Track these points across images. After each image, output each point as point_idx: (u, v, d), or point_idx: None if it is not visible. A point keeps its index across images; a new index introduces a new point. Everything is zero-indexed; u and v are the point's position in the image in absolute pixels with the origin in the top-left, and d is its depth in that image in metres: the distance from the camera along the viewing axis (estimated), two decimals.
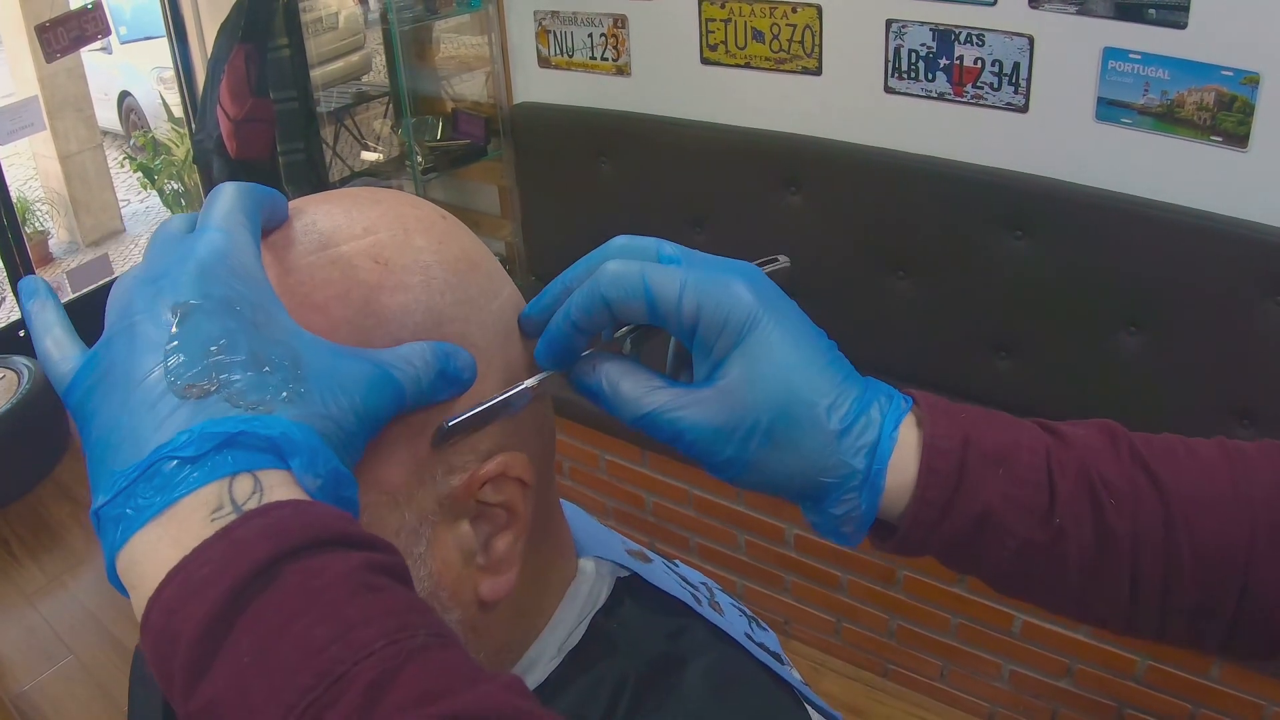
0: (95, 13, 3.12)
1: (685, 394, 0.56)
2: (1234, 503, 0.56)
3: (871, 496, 0.57)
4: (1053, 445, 0.59)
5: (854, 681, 2.70)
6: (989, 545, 0.57)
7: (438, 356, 0.51)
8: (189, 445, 0.41)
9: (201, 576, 0.39)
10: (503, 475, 0.56)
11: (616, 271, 0.56)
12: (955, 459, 0.56)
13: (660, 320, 0.56)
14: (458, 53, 3.43)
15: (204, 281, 0.46)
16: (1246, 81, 2.10)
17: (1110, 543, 0.56)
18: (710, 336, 0.55)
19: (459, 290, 0.56)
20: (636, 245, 0.59)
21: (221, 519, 0.40)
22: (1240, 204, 2.19)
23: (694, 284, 0.55)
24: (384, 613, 0.39)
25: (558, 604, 0.65)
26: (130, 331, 0.45)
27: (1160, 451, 0.59)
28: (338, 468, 0.45)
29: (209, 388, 0.43)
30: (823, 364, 0.57)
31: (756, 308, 0.56)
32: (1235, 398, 2.30)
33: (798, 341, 0.57)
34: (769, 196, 2.83)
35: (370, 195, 0.58)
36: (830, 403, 0.56)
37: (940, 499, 0.56)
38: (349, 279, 0.53)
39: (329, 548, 0.40)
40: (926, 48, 2.50)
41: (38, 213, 6.50)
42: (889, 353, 2.77)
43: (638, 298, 0.55)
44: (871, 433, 0.57)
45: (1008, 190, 2.47)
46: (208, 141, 3.25)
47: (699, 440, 0.55)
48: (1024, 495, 0.57)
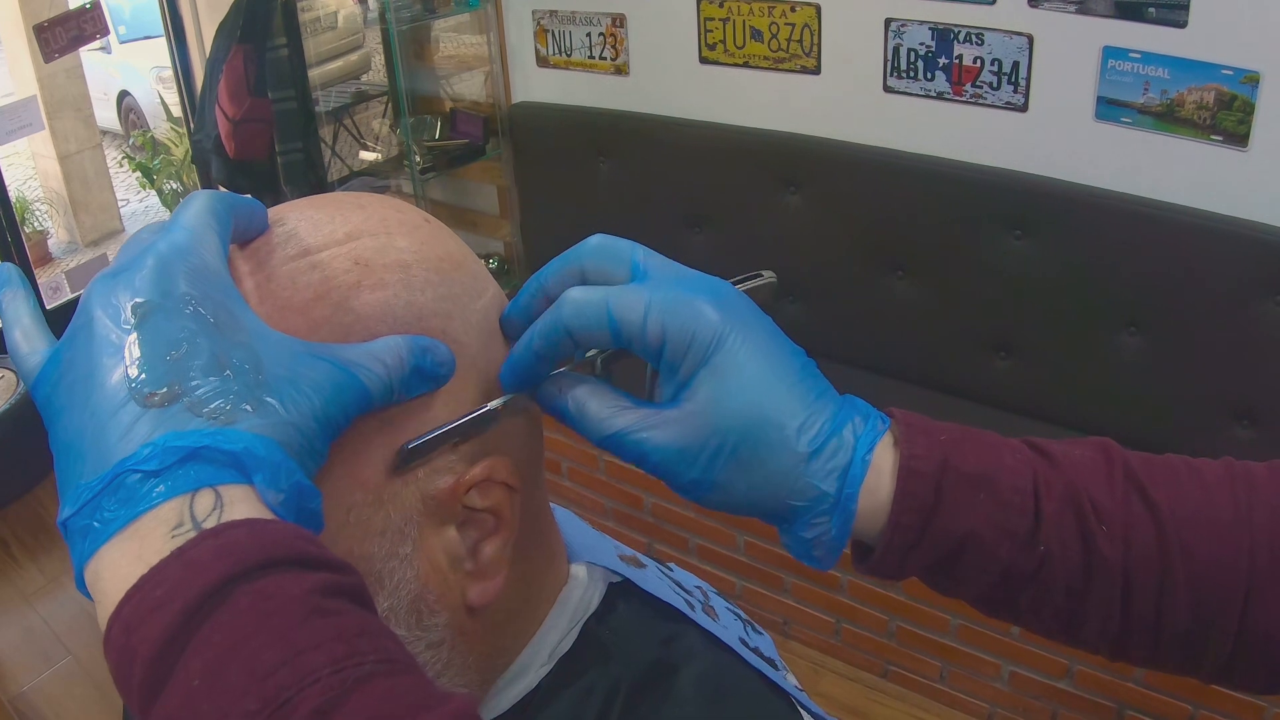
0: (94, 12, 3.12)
1: (651, 414, 0.55)
2: (1234, 527, 0.54)
3: (843, 521, 0.55)
4: (1039, 467, 0.57)
5: (853, 682, 2.70)
6: (970, 569, 0.56)
7: (413, 352, 0.51)
8: (151, 459, 0.41)
9: (156, 597, 0.39)
10: (489, 480, 0.55)
11: (579, 300, 0.54)
12: (932, 481, 0.55)
13: (626, 345, 0.55)
14: (456, 52, 3.43)
15: (163, 278, 0.45)
16: (1246, 80, 2.09)
17: (1099, 568, 0.55)
18: (676, 357, 0.54)
19: (440, 287, 0.55)
20: (609, 248, 0.58)
21: (181, 536, 0.40)
22: (1240, 203, 2.19)
23: (658, 305, 0.54)
24: (334, 637, 0.39)
25: (549, 610, 0.64)
26: (89, 329, 0.45)
27: (1159, 474, 0.57)
28: (300, 481, 0.44)
29: (171, 395, 0.43)
30: (793, 382, 0.55)
31: (722, 326, 0.54)
32: (1235, 397, 2.30)
33: (767, 360, 0.55)
34: (768, 196, 2.82)
35: (354, 200, 0.58)
36: (800, 424, 0.54)
37: (916, 523, 0.55)
38: (329, 281, 0.52)
39: (284, 568, 0.40)
40: (926, 47, 2.49)
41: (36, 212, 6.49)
42: (888, 352, 2.77)
43: (601, 326, 0.54)
44: (844, 455, 0.55)
45: (1007, 190, 2.46)
46: (206, 141, 3.24)
47: (663, 462, 0.54)
48: (1006, 519, 0.55)
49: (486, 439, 0.56)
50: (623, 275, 0.57)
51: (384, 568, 0.53)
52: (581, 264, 0.57)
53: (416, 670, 0.41)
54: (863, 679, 2.70)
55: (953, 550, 0.55)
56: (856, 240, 2.72)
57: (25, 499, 3.43)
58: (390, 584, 0.54)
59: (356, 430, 0.50)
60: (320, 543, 0.43)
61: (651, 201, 3.07)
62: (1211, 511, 0.55)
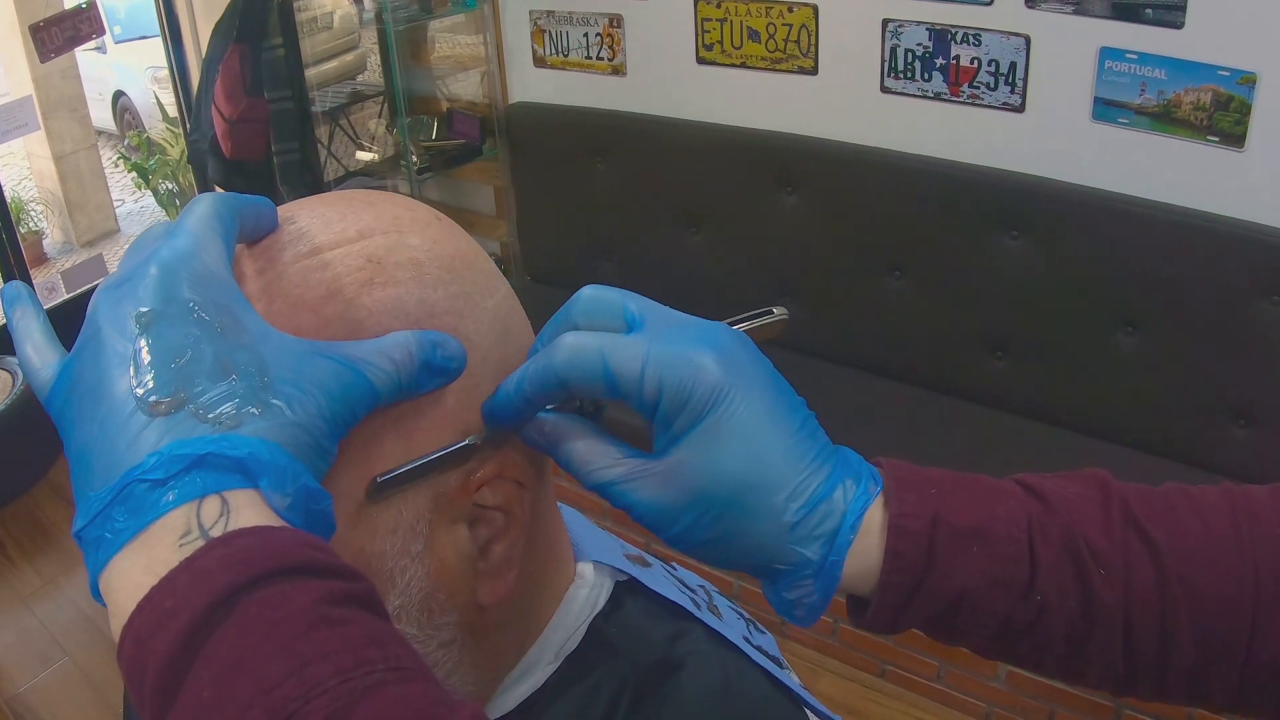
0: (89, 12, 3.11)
1: (638, 466, 0.53)
2: (1237, 561, 0.53)
3: (826, 585, 0.54)
4: (1034, 512, 0.55)
5: (851, 682, 2.70)
6: (967, 624, 0.54)
7: (422, 347, 0.50)
8: (158, 468, 0.42)
9: (165, 608, 0.39)
10: (500, 478, 0.55)
11: (574, 348, 0.53)
12: (924, 540, 0.53)
13: (621, 398, 0.53)
14: (453, 52, 3.43)
15: (166, 285, 0.46)
16: (1243, 81, 2.10)
17: (1099, 614, 0.54)
18: (672, 413, 0.52)
19: (453, 285, 0.55)
20: (602, 301, 0.55)
21: (189, 544, 0.40)
22: (1237, 204, 2.19)
23: (656, 359, 0.52)
24: (341, 647, 0.38)
25: (556, 608, 0.64)
26: (97, 340, 0.45)
27: (1157, 508, 0.56)
28: (307, 484, 0.44)
29: (176, 403, 0.43)
30: (787, 447, 0.53)
31: (720, 385, 0.52)
32: (1231, 397, 2.30)
33: (762, 422, 0.52)
34: (765, 196, 2.82)
35: (364, 198, 0.58)
36: (789, 491, 0.52)
37: (908, 582, 0.53)
38: (340, 279, 0.52)
39: (292, 577, 0.40)
40: (923, 47, 2.50)
41: (32, 213, 6.48)
42: (884, 352, 2.77)
43: (597, 379, 0.52)
44: (831, 521, 0.53)
45: (1004, 190, 2.47)
46: (202, 141, 3.24)
47: (647, 515, 0.53)
48: (1002, 572, 0.53)
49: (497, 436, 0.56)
50: (617, 326, 0.55)
51: (395, 566, 0.53)
52: (573, 320, 0.55)
53: (427, 677, 0.41)
54: (860, 679, 2.70)
55: (948, 606, 0.54)
56: (853, 240, 2.73)
57: (21, 500, 3.42)
58: (401, 583, 0.54)
59: (367, 427, 0.50)
60: (330, 549, 0.43)
61: (649, 202, 3.07)
62: (1212, 546, 0.54)
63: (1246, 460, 2.29)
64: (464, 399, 0.54)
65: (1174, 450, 2.38)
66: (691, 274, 3.02)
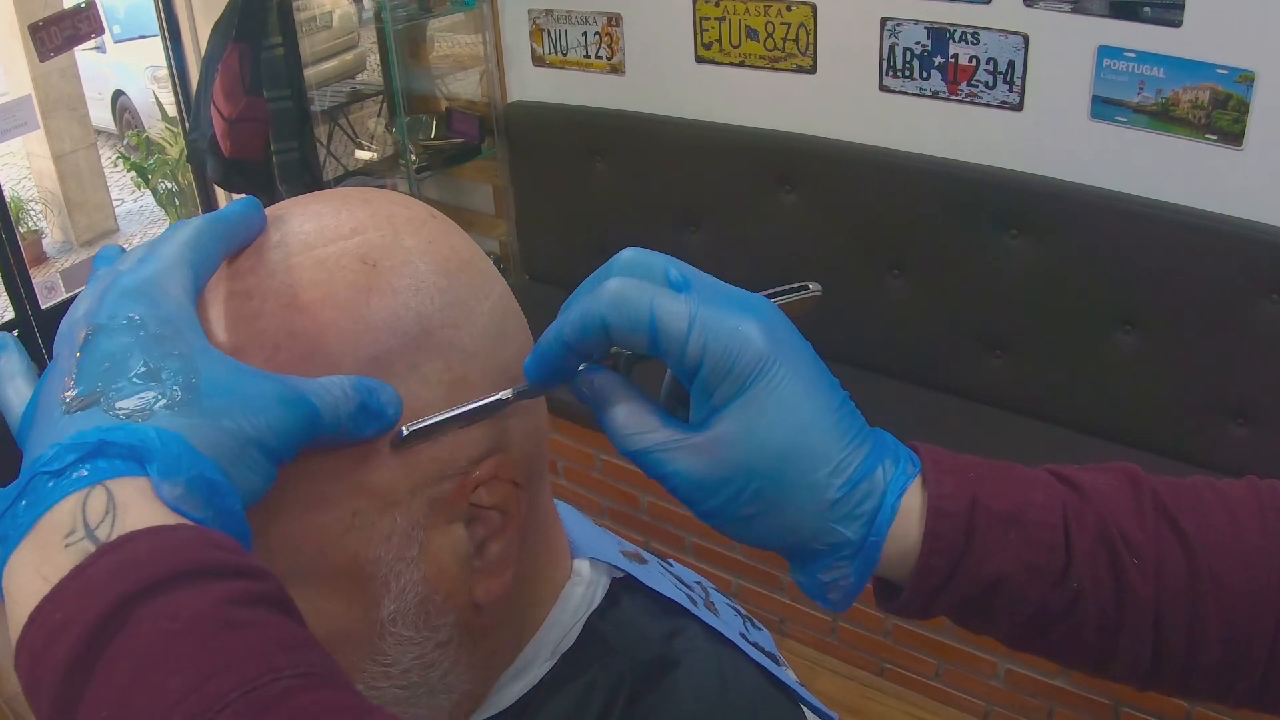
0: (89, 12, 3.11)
1: (678, 437, 0.52)
2: (1266, 554, 0.53)
3: (864, 567, 0.53)
4: (1069, 500, 0.54)
5: (850, 680, 2.70)
6: (1001, 609, 0.54)
7: (359, 390, 0.49)
8: (55, 459, 0.41)
9: (57, 621, 0.37)
10: (495, 478, 0.55)
11: (620, 294, 0.51)
12: (962, 522, 0.52)
13: (660, 355, 0.51)
14: (452, 51, 3.42)
15: (114, 305, 0.46)
16: (1242, 80, 2.10)
17: (1131, 604, 0.53)
18: (713, 381, 0.51)
19: (448, 293, 0.55)
20: (644, 262, 0.54)
21: (74, 544, 0.39)
22: (1235, 202, 2.19)
23: (703, 321, 0.50)
24: (244, 655, 0.37)
25: (552, 606, 0.64)
26: (52, 365, 0.46)
27: (1187, 501, 0.55)
28: (207, 476, 0.43)
29: (91, 400, 0.43)
30: (829, 424, 0.52)
31: (767, 355, 0.51)
32: (1231, 396, 2.30)
33: (805, 398, 0.51)
34: (763, 195, 2.83)
35: (359, 195, 0.58)
36: (832, 468, 0.51)
37: (946, 565, 0.53)
38: (336, 280, 0.52)
39: (190, 580, 0.38)
40: (921, 46, 2.50)
41: (31, 212, 6.48)
42: (883, 351, 2.77)
43: (641, 329, 0.50)
44: (872, 501, 0.52)
45: (1002, 189, 2.47)
46: (201, 141, 3.24)
47: (682, 486, 0.52)
48: (1038, 558, 0.53)
49: (493, 437, 0.56)
50: None
51: (390, 571, 0.53)
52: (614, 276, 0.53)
53: (337, 681, 0.40)
54: (859, 677, 2.70)
55: (983, 591, 0.53)
56: (852, 239, 2.73)
57: None
58: (397, 587, 0.54)
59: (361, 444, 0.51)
60: (234, 546, 0.42)
61: (647, 200, 3.07)
62: (1241, 540, 0.53)
63: (1245, 459, 2.29)
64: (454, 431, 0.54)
65: (1173, 449, 2.38)
66: None
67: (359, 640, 0.54)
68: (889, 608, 0.56)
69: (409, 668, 0.56)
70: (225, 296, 0.52)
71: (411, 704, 0.58)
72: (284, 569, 0.51)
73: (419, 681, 0.57)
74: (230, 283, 0.52)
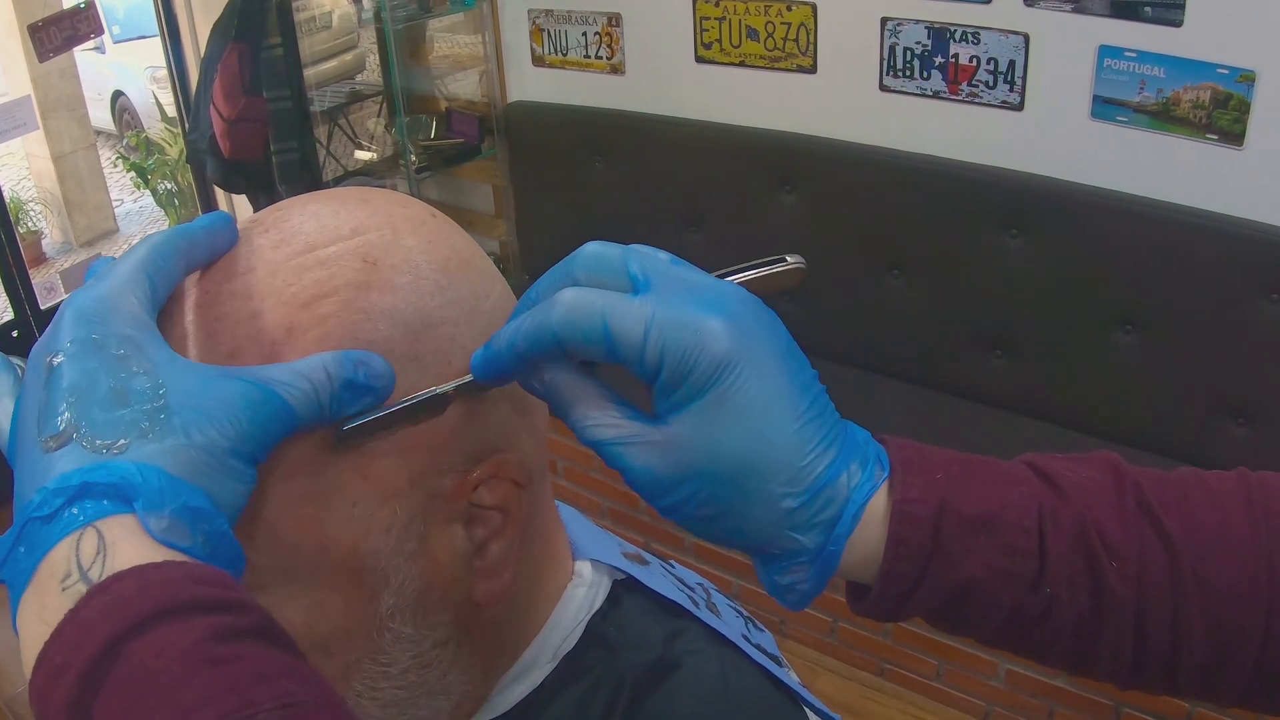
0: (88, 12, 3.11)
1: (636, 430, 0.50)
2: (1253, 551, 0.51)
3: (821, 573, 0.52)
4: (1046, 499, 0.53)
5: (850, 681, 2.70)
6: (973, 615, 0.53)
7: (343, 366, 0.49)
8: (43, 504, 0.42)
9: (56, 665, 0.39)
10: (496, 477, 0.55)
11: (573, 305, 0.49)
12: (929, 527, 0.51)
13: (619, 363, 0.50)
14: (451, 51, 3.42)
15: (74, 327, 0.47)
16: (1242, 79, 2.10)
17: (1110, 607, 0.52)
18: (672, 383, 0.49)
19: (449, 291, 0.55)
20: (605, 257, 0.52)
21: (70, 588, 0.40)
22: (1236, 202, 2.19)
23: (660, 325, 0.48)
24: (225, 689, 0.38)
25: (553, 607, 0.64)
26: (22, 393, 0.47)
27: (1171, 497, 0.53)
28: (191, 505, 0.43)
29: (66, 436, 0.44)
30: (790, 432, 0.50)
31: (729, 358, 0.49)
32: (1230, 395, 2.30)
33: (767, 404, 0.49)
34: (764, 195, 2.82)
35: (358, 195, 0.57)
36: (788, 479, 0.50)
37: (912, 570, 0.51)
38: (336, 278, 0.52)
39: (173, 617, 0.39)
40: (922, 46, 2.50)
41: (31, 213, 6.48)
42: (884, 351, 2.77)
43: (596, 341, 0.49)
44: (832, 509, 0.50)
45: (1003, 188, 2.47)
46: (201, 141, 3.24)
47: (639, 482, 0.50)
48: (1009, 564, 0.51)
49: (493, 435, 0.56)
50: (620, 286, 0.51)
51: (389, 565, 0.53)
52: (573, 275, 0.52)
53: (320, 708, 0.40)
54: (859, 678, 2.70)
55: (953, 597, 0.52)
56: (852, 239, 2.72)
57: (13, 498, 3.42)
58: (395, 581, 0.54)
59: None
60: (219, 579, 0.42)
61: (647, 201, 3.07)
62: (1227, 538, 0.52)
63: (1245, 458, 2.27)
64: (462, 408, 0.54)
65: (1173, 448, 2.38)
66: None
67: (358, 637, 0.54)
68: (858, 609, 0.55)
69: (408, 667, 0.56)
70: (223, 297, 0.52)
71: (411, 705, 0.58)
72: (284, 563, 0.51)
73: (417, 681, 0.57)
74: (228, 283, 0.52)
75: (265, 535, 0.50)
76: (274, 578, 0.51)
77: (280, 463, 0.49)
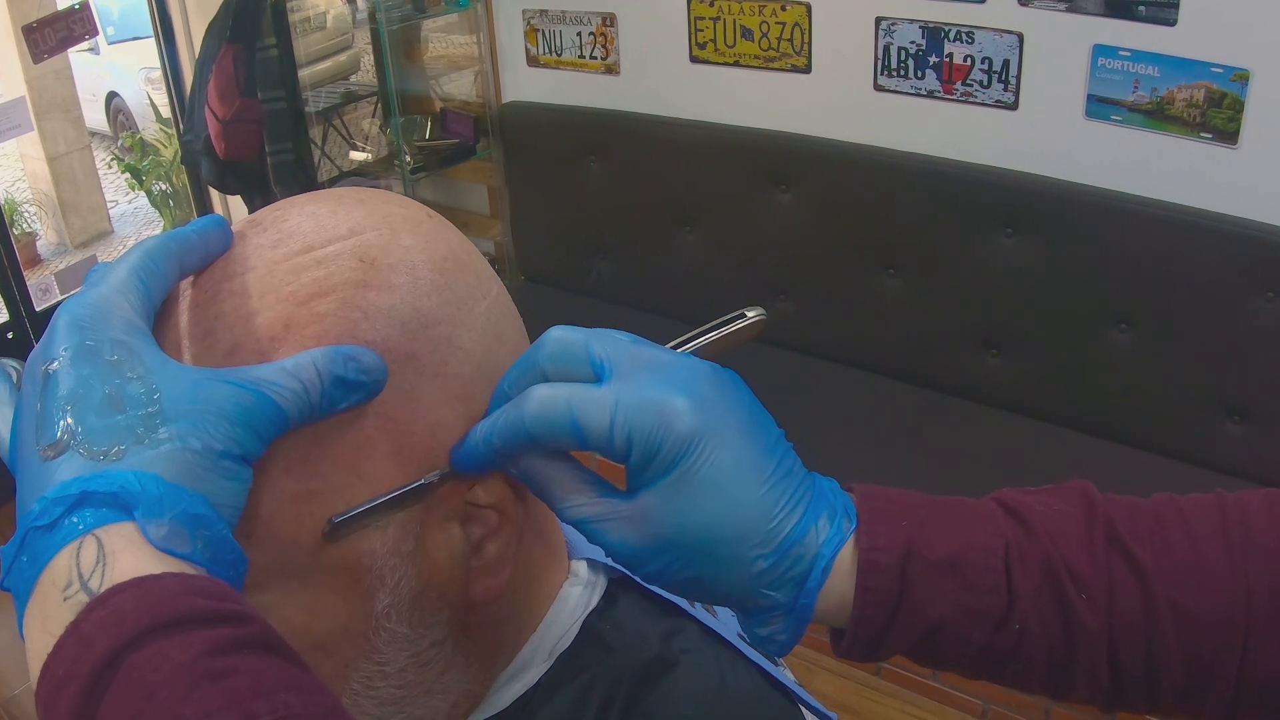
0: (82, 13, 3.10)
1: (611, 507, 0.52)
2: (1228, 577, 0.52)
3: (796, 625, 0.54)
4: (1013, 537, 0.54)
5: (847, 680, 2.70)
6: (947, 652, 0.54)
7: (334, 362, 0.49)
8: (44, 513, 0.42)
9: (59, 677, 0.39)
10: (493, 477, 0.55)
11: (542, 401, 0.51)
12: (895, 573, 0.53)
13: (591, 450, 0.52)
14: (446, 52, 3.42)
15: (68, 334, 0.47)
16: (1236, 78, 2.10)
17: (1081, 638, 0.53)
18: (642, 463, 0.51)
19: (446, 291, 0.55)
20: (568, 344, 0.53)
21: (72, 598, 0.41)
22: (1230, 200, 2.20)
23: (625, 411, 0.50)
24: (225, 704, 0.38)
25: (549, 606, 0.64)
26: (22, 400, 0.47)
27: (1144, 527, 0.55)
28: (190, 512, 0.44)
29: (64, 445, 0.44)
30: (757, 498, 0.51)
31: (693, 434, 0.50)
32: (1226, 394, 2.31)
33: (733, 473, 0.51)
34: (758, 194, 2.82)
35: (355, 195, 0.58)
36: (757, 542, 0.51)
37: (882, 615, 0.53)
38: (334, 277, 0.52)
39: (171, 630, 0.39)
40: (916, 45, 2.50)
41: (25, 214, 6.47)
42: (879, 350, 2.77)
43: (565, 433, 0.51)
44: (802, 565, 0.52)
45: (998, 187, 2.47)
46: (196, 142, 3.23)
47: (618, 555, 0.53)
48: (977, 601, 0.53)
49: None
50: (584, 373, 0.53)
51: (385, 565, 0.53)
52: (540, 366, 0.54)
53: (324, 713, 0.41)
54: (856, 677, 2.70)
55: (924, 637, 0.53)
56: (847, 238, 2.73)
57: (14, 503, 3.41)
58: (392, 581, 0.54)
59: (358, 427, 0.51)
60: (219, 590, 0.43)
61: (642, 201, 3.07)
62: (1201, 564, 0.53)
63: (1241, 457, 2.29)
64: (460, 410, 0.54)
65: (1169, 447, 2.38)
66: (685, 273, 3.02)
67: (355, 636, 0.54)
68: (838, 651, 0.57)
69: (404, 666, 0.56)
70: (222, 295, 0.52)
71: (408, 703, 0.58)
72: (283, 562, 0.51)
73: (415, 680, 0.57)
74: (227, 282, 0.52)
75: (264, 534, 0.50)
76: (272, 576, 0.51)
77: (275, 460, 0.49)
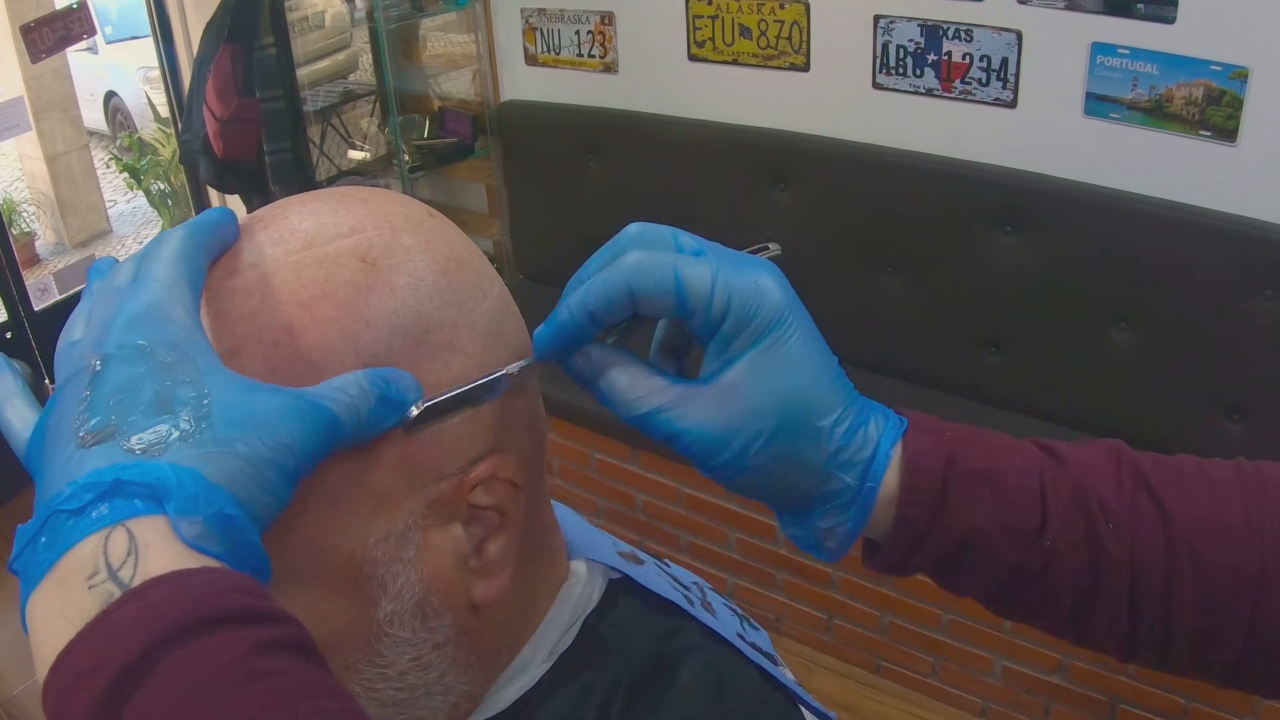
0: (80, 12, 3.10)
1: (688, 392, 0.54)
2: (1244, 530, 0.54)
3: (860, 513, 0.56)
4: (1047, 466, 0.57)
5: (846, 679, 2.70)
6: (976, 566, 0.56)
7: (375, 383, 0.49)
8: (73, 498, 0.41)
9: (82, 667, 0.38)
10: (494, 478, 0.55)
11: (643, 262, 0.53)
12: (938, 477, 0.55)
13: (687, 314, 0.54)
14: (445, 51, 3.42)
15: (123, 332, 0.46)
16: (1235, 76, 2.10)
17: (1106, 567, 0.55)
18: (732, 333, 0.53)
19: (447, 292, 0.55)
20: (653, 234, 0.56)
21: (98, 587, 0.39)
22: (1229, 198, 2.19)
23: (725, 279, 0.53)
24: (268, 705, 0.37)
25: (549, 606, 0.64)
26: (59, 392, 0.46)
27: (1169, 476, 0.57)
28: (225, 513, 0.43)
29: (105, 435, 0.43)
30: (832, 377, 0.55)
31: (783, 309, 0.54)
32: (1225, 393, 2.31)
33: (814, 351, 0.55)
34: (757, 193, 2.83)
35: (357, 194, 0.57)
36: (835, 418, 0.55)
37: (922, 517, 0.55)
38: (335, 278, 0.52)
39: (212, 628, 0.39)
40: (915, 43, 2.50)
41: (24, 214, 6.47)
42: (878, 349, 2.77)
43: (667, 292, 0.53)
44: (867, 450, 0.55)
45: (997, 186, 2.47)
46: (194, 141, 3.23)
47: (696, 442, 0.54)
48: (1012, 516, 0.55)
49: (491, 436, 0.55)
50: None
51: (387, 572, 0.53)
52: (627, 248, 0.55)
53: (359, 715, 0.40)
54: (855, 675, 2.71)
55: (958, 546, 0.55)
56: (846, 237, 2.73)
57: (15, 502, 3.41)
58: (394, 588, 0.54)
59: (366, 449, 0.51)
60: (256, 588, 0.42)
61: (641, 199, 3.07)
62: (1220, 515, 0.55)
63: (1239, 454, 2.27)
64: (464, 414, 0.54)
65: (1167, 444, 2.38)
66: None
67: (356, 641, 0.54)
68: (871, 564, 0.59)
69: (406, 669, 0.56)
70: (224, 293, 0.52)
71: (409, 705, 0.58)
72: (282, 569, 0.50)
73: (416, 683, 0.57)
74: (229, 279, 0.52)
75: (270, 540, 0.50)
76: (276, 581, 0.51)
77: None
